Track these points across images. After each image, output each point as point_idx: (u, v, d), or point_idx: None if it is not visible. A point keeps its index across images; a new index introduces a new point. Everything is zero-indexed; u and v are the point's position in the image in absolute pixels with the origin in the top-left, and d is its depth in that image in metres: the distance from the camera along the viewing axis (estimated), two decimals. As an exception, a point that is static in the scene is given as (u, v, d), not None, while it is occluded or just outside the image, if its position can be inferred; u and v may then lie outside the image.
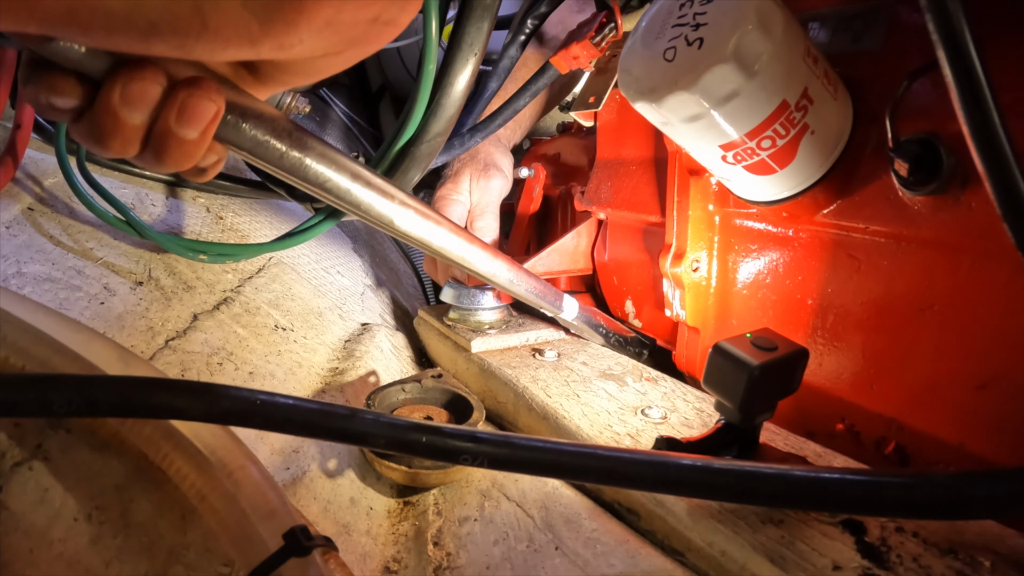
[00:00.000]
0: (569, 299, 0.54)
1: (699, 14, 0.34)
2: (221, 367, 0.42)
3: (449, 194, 0.65)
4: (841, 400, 0.42)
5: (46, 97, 0.22)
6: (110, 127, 0.22)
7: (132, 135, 0.23)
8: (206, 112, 0.23)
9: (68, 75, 0.22)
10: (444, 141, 0.40)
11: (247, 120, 0.25)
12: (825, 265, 0.42)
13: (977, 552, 0.27)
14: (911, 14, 0.38)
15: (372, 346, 0.56)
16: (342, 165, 0.30)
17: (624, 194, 0.61)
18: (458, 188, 0.66)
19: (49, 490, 0.28)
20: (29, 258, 0.42)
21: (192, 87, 0.23)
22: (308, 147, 0.28)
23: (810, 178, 0.40)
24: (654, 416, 0.41)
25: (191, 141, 0.24)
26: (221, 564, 0.30)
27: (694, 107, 0.35)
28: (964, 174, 0.34)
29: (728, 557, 0.29)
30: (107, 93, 0.22)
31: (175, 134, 0.23)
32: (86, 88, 0.22)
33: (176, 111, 0.23)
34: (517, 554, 0.33)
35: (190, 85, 0.23)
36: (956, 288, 0.35)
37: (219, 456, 0.29)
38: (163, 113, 0.23)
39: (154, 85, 0.22)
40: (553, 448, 0.26)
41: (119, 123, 0.22)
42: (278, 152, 0.27)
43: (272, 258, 0.61)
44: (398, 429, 0.26)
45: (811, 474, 0.26)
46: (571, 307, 0.54)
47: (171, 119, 0.23)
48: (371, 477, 0.41)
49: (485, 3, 0.35)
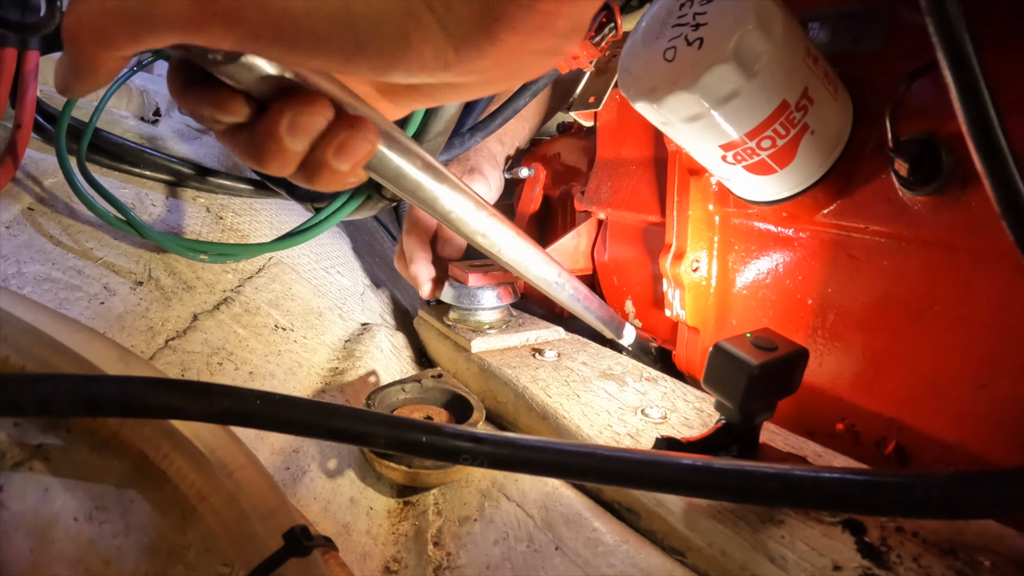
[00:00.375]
0: (629, 327, 0.56)
1: (699, 14, 0.34)
2: (221, 367, 0.42)
3: None
4: (841, 400, 0.42)
5: (211, 112, 0.23)
6: (273, 150, 0.23)
7: (291, 159, 0.24)
8: (361, 150, 0.25)
9: (237, 94, 0.22)
10: (444, 141, 0.40)
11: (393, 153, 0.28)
12: (825, 265, 0.42)
13: (977, 552, 0.27)
14: (911, 14, 0.38)
15: (372, 346, 0.56)
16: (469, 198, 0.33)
17: (624, 194, 0.61)
18: None
19: (49, 490, 0.28)
20: (29, 258, 0.42)
21: (353, 128, 0.24)
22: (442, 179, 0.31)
23: (810, 178, 0.40)
24: (654, 416, 0.41)
25: (343, 172, 0.25)
26: (221, 564, 0.30)
27: (694, 107, 0.35)
28: (964, 174, 0.34)
29: (728, 557, 0.29)
30: (275, 119, 0.22)
31: (330, 165, 0.24)
32: (252, 107, 0.23)
33: (336, 146, 0.24)
34: (517, 554, 0.33)
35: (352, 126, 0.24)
36: (956, 288, 0.35)
37: (219, 456, 0.29)
38: (322, 145, 0.24)
39: (321, 119, 0.23)
40: (553, 448, 0.26)
41: (282, 148, 0.23)
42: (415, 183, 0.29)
43: (272, 258, 0.62)
44: (398, 429, 0.26)
45: (811, 474, 0.26)
46: (630, 334, 0.56)
47: (329, 152, 0.24)
48: (371, 477, 0.41)
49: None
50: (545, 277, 0.42)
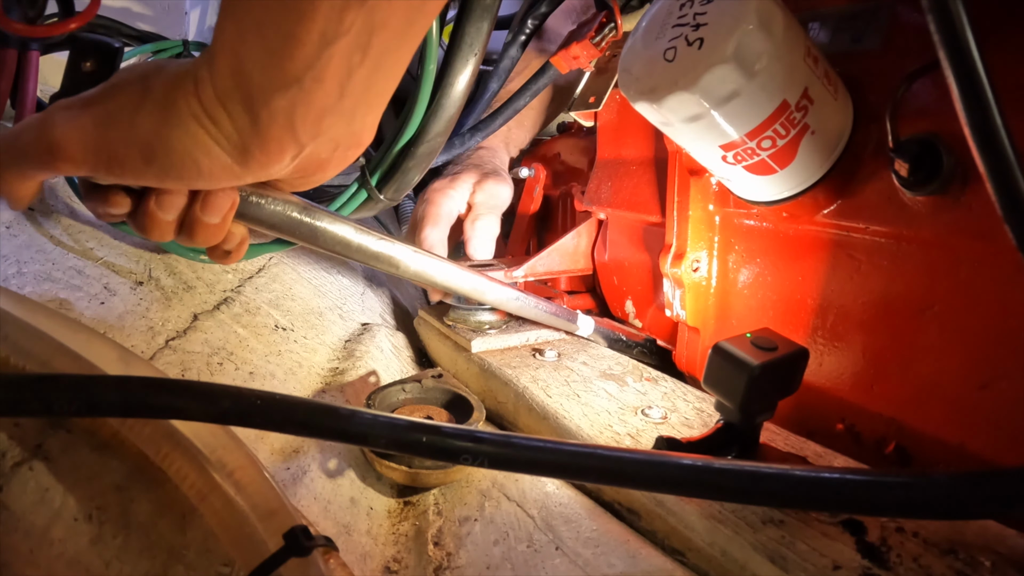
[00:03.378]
0: (584, 317, 0.56)
1: (699, 14, 0.34)
2: (221, 367, 0.42)
3: (444, 188, 0.65)
4: (841, 400, 0.42)
5: (103, 208, 0.30)
6: (151, 224, 0.31)
7: (168, 227, 0.31)
8: (224, 203, 0.31)
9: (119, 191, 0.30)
10: (444, 141, 0.40)
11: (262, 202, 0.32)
12: (825, 265, 0.42)
13: (977, 552, 0.27)
14: (911, 14, 0.38)
15: (372, 346, 0.56)
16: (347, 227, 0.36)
17: (624, 194, 0.61)
18: (455, 185, 0.65)
19: (49, 490, 0.28)
20: (29, 258, 0.42)
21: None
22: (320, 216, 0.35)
23: (810, 178, 0.40)
24: (654, 416, 0.41)
25: (215, 224, 0.31)
26: (221, 564, 0.30)
27: (694, 107, 0.35)
28: (964, 174, 0.34)
29: (729, 557, 0.29)
30: (146, 203, 0.30)
31: (201, 220, 0.31)
32: (133, 197, 0.30)
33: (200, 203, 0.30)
34: (517, 554, 0.33)
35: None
36: (956, 288, 0.35)
37: (219, 456, 0.29)
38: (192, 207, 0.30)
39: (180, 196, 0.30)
40: (553, 448, 0.26)
41: (157, 220, 0.30)
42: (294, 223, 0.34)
43: (272, 258, 0.61)
44: (398, 429, 0.26)
45: (811, 474, 0.26)
46: (586, 324, 0.56)
47: (196, 209, 0.30)
48: (371, 477, 0.41)
49: (485, 3, 0.35)
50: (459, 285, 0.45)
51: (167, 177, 0.27)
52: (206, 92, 0.26)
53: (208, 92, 0.26)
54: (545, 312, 0.54)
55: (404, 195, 0.45)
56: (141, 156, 0.27)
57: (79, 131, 0.27)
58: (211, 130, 0.26)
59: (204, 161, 0.27)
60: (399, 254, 0.40)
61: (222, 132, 0.26)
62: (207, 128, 0.26)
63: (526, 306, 0.52)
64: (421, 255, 0.42)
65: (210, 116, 0.26)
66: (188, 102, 0.26)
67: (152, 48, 0.59)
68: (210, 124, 0.26)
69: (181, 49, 0.61)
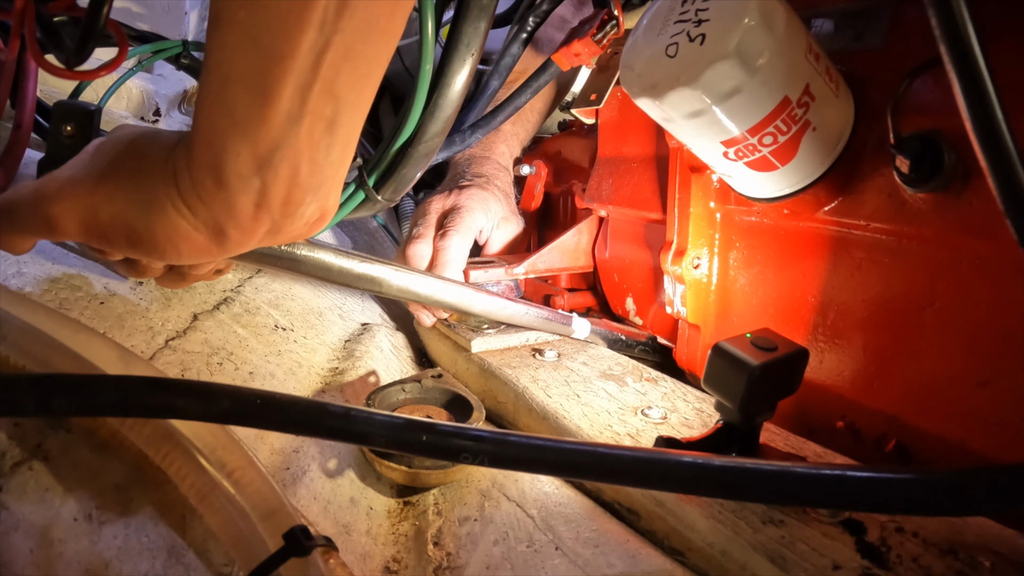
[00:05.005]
0: (579, 320, 0.56)
1: (701, 10, 0.34)
2: (221, 367, 0.42)
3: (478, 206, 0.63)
4: (842, 398, 0.42)
5: (95, 255, 0.34)
6: (140, 274, 0.37)
7: (157, 274, 0.37)
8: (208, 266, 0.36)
9: None
10: (442, 141, 0.40)
11: None
12: (826, 262, 0.42)
13: (977, 552, 0.27)
14: (913, 11, 0.38)
15: (372, 346, 0.56)
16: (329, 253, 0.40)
17: (625, 191, 0.60)
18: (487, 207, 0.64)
19: (49, 490, 0.28)
20: (29, 258, 0.42)
21: None
22: (297, 247, 0.39)
23: (812, 175, 0.40)
24: (654, 416, 0.41)
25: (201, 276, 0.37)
26: (221, 564, 0.30)
27: (696, 103, 0.35)
28: (965, 171, 0.34)
29: (728, 557, 0.29)
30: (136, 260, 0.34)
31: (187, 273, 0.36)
32: None
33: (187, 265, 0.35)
34: (517, 554, 0.33)
35: None
36: (957, 285, 0.35)
37: (219, 456, 0.29)
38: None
39: None
40: (553, 446, 0.26)
41: (146, 272, 0.36)
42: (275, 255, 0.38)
43: (272, 257, 0.61)
44: (398, 428, 0.26)
45: (811, 471, 0.25)
46: (582, 327, 0.56)
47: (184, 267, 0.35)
48: (371, 477, 0.41)
49: (482, 3, 0.35)
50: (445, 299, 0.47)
51: (151, 257, 0.31)
52: (184, 182, 0.28)
53: (186, 182, 0.28)
54: (537, 318, 0.54)
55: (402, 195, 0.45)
56: (127, 240, 0.30)
57: (72, 212, 0.30)
58: (189, 218, 0.28)
59: (184, 246, 0.29)
60: (381, 273, 0.43)
61: (199, 219, 0.28)
62: (186, 217, 0.28)
63: (516, 314, 0.53)
64: (404, 272, 0.44)
65: (188, 205, 0.28)
66: (168, 193, 0.28)
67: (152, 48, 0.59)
68: (188, 213, 0.28)
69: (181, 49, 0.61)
